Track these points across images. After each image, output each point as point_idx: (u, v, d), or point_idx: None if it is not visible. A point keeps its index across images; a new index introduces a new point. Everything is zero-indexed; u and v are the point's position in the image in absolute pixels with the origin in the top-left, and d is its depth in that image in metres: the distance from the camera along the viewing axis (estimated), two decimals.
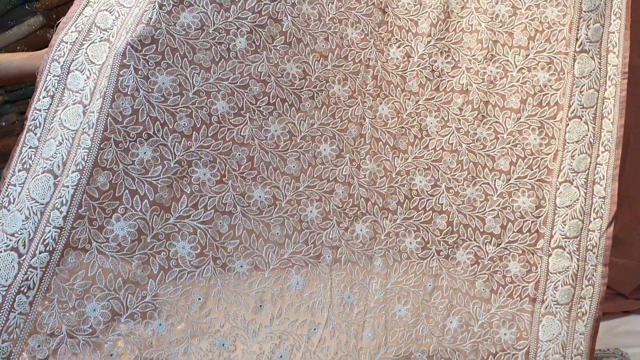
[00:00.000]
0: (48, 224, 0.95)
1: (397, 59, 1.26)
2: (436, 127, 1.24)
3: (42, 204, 0.97)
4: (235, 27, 1.13)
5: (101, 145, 0.99)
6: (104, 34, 1.09)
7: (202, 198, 1.07)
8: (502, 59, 1.26)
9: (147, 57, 1.04)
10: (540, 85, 1.23)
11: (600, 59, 1.21)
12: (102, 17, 1.10)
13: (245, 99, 1.12)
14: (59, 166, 0.99)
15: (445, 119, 1.25)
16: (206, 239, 1.06)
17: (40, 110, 1.05)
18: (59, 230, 0.95)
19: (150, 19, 1.05)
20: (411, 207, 1.20)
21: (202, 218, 1.06)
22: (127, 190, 1.01)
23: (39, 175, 0.99)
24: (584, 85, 1.20)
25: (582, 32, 1.20)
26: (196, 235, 1.05)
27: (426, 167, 1.22)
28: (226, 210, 1.08)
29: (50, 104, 1.05)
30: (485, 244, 1.20)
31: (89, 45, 1.08)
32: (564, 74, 1.22)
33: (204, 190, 1.07)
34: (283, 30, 1.17)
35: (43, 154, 1.02)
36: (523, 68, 1.24)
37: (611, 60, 1.21)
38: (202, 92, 1.09)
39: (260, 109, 1.13)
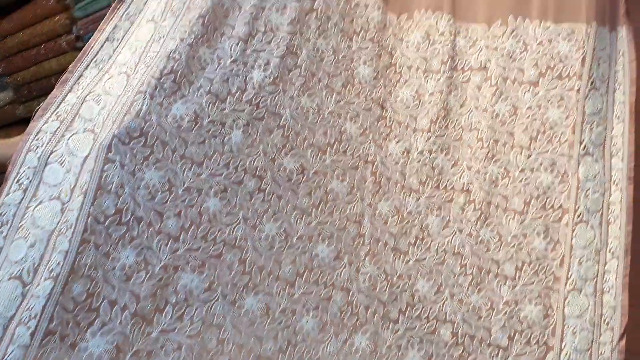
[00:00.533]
0: (12, 343, 0.82)
1: (397, 154, 1.21)
2: (438, 227, 1.18)
3: (6, 318, 0.84)
4: (232, 120, 1.06)
5: (80, 249, 0.88)
6: (88, 124, 1.00)
7: (188, 309, 0.95)
8: (504, 159, 1.21)
9: (134, 151, 0.96)
10: (543, 187, 1.18)
11: (604, 163, 1.18)
12: (87, 108, 1.01)
13: (239, 195, 1.04)
14: (29, 272, 0.87)
15: (447, 218, 1.18)
16: (192, 356, 0.94)
17: (9, 205, 0.93)
18: (24, 350, 0.82)
19: (140, 110, 0.98)
20: (414, 316, 1.11)
21: (188, 332, 0.95)
22: (105, 301, 0.89)
23: (3, 281, 0.87)
24: (589, 188, 1.16)
25: (586, 135, 1.17)
26: (181, 352, 0.93)
27: (429, 270, 1.14)
28: (215, 322, 0.97)
29: (22, 198, 0.94)
30: (492, 358, 1.11)
31: (71, 136, 0.98)
32: (568, 176, 1.17)
33: (191, 299, 0.96)
34: (281, 123, 1.11)
35: (10, 256, 0.89)
36: (525, 169, 1.20)
37: (615, 164, 1.17)
38: (193, 189, 1.00)
39: (255, 206, 1.05)
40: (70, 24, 1.93)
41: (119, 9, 1.15)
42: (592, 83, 1.19)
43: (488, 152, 1.21)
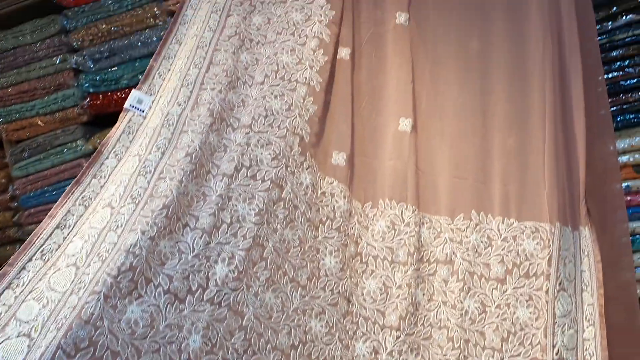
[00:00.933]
0: None
1: (364, 356, 1.12)
2: None
3: None
4: (190, 323, 0.95)
5: None
6: (24, 327, 0.86)
7: None
8: None
9: None
10: None
11: None
12: (26, 307, 0.88)
13: None
14: None
15: None
16: None
17: None
18: None
19: (92, 314, 0.85)
20: None
21: None
22: None
23: None
24: None
25: (558, 339, 1.13)
26: None
27: None
28: None
29: None
30: None
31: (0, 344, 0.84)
32: None
33: None
34: (243, 324, 1.01)
35: None
36: None
37: None
38: None
39: None
40: (6, 183, 1.82)
41: (74, 191, 1.07)
42: (560, 283, 1.17)
43: (459, 354, 1.14)
